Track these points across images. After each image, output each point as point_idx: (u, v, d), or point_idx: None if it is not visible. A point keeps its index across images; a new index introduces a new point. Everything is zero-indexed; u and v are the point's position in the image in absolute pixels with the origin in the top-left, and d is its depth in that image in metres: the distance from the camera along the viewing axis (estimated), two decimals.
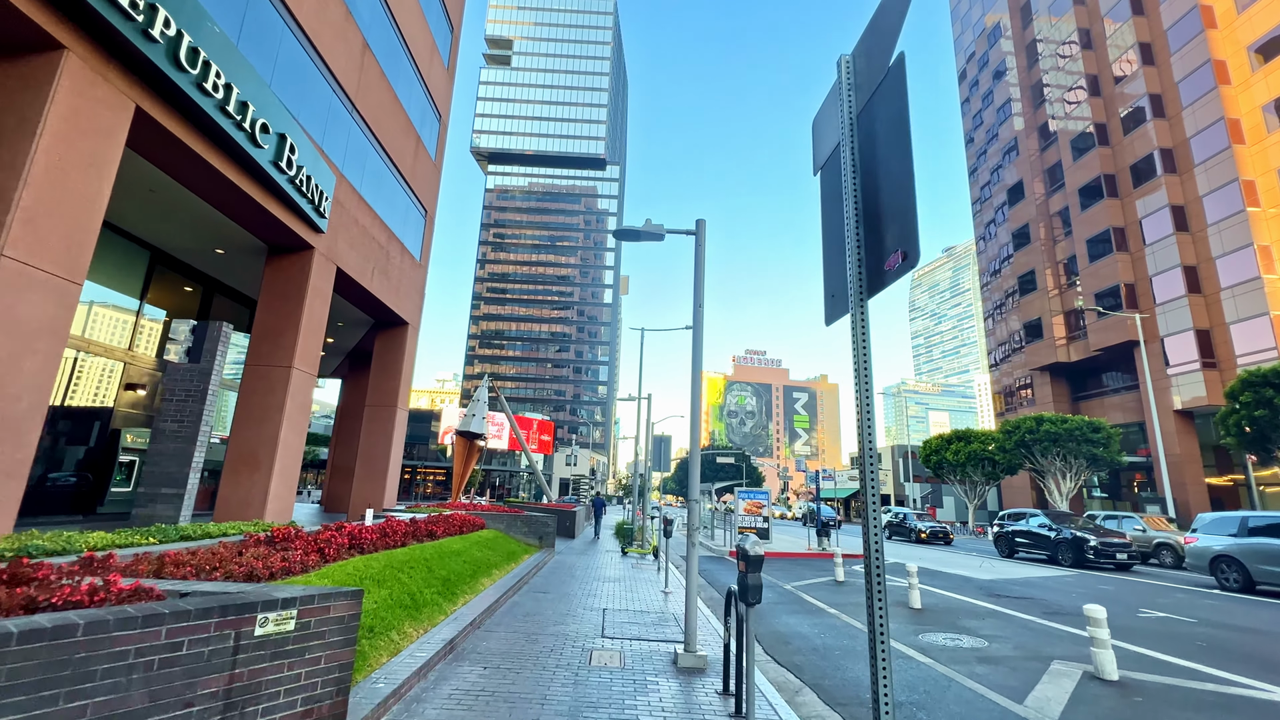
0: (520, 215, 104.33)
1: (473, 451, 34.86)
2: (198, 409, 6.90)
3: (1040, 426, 32.39)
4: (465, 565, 8.63)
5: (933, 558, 18.77)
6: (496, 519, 14.41)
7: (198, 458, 6.87)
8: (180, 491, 6.63)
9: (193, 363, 7.06)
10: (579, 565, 13.05)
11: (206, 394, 6.98)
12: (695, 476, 6.00)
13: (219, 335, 7.23)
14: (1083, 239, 39.64)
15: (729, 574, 13.84)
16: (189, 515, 6.83)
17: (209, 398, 6.94)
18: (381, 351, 19.29)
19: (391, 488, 18.53)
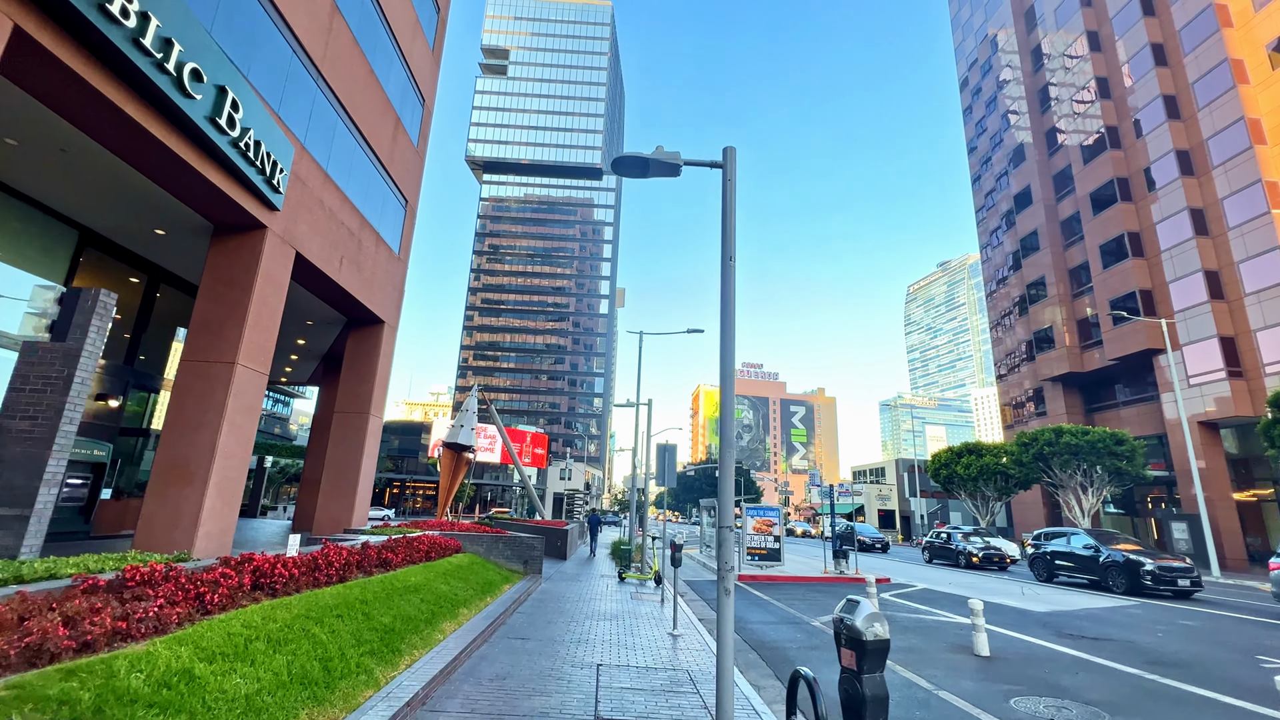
0: (515, 226, 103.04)
1: (461, 464, 32.90)
2: (58, 402, 5.14)
3: (1060, 438, 30.73)
4: (421, 606, 6.80)
5: (966, 583, 16.95)
6: (476, 541, 12.56)
7: (55, 466, 5.10)
8: (24, 512, 4.85)
9: (56, 341, 5.32)
10: (569, 596, 11.18)
11: (72, 382, 5.22)
12: (728, 495, 4.25)
13: (94, 306, 5.49)
14: (1095, 245, 38.34)
15: (742, 605, 12.00)
16: (37, 545, 5.07)
17: (75, 387, 5.19)
18: (354, 352, 17.49)
19: (363, 504, 16.64)
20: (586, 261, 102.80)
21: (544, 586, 12.12)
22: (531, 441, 78.40)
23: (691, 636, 8.14)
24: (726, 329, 4.41)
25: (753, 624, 10.05)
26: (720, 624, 4.15)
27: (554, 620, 8.66)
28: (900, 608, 11.85)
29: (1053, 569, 16.71)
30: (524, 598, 10.11)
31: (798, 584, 16.07)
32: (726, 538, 4.19)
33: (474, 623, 7.28)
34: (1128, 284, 35.41)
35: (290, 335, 20.17)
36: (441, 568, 9.10)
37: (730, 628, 4.11)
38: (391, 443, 76.25)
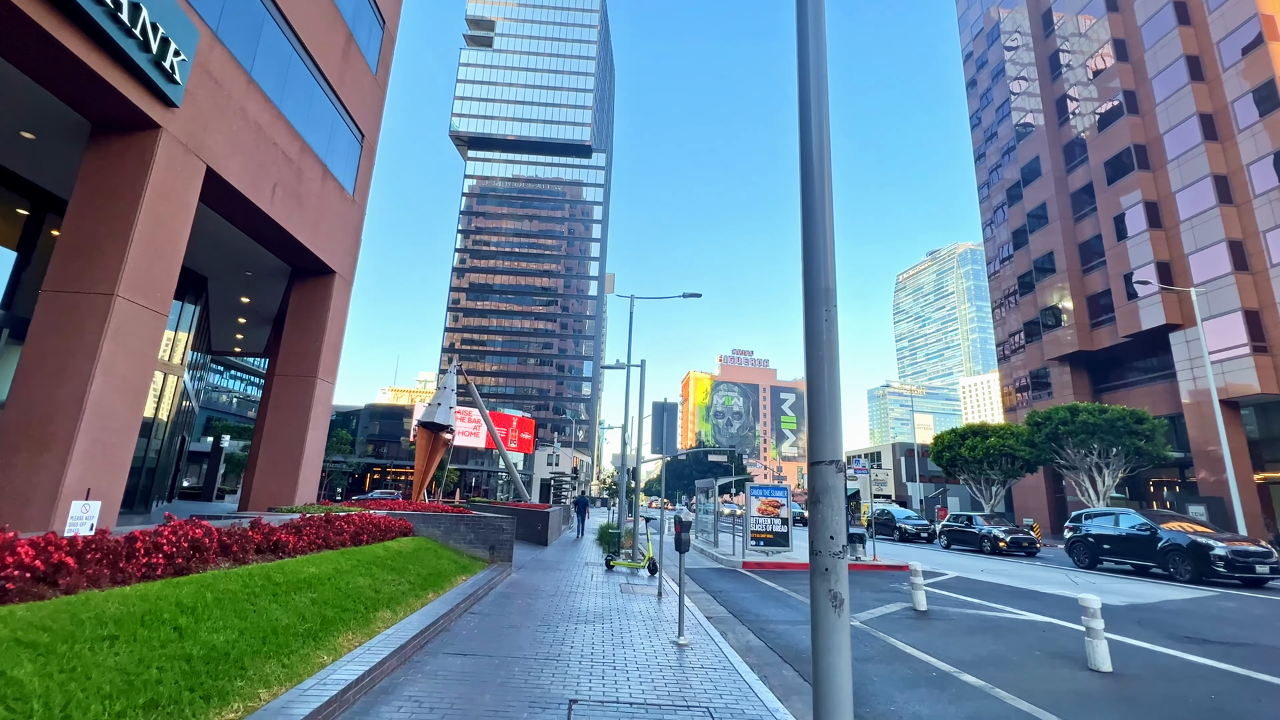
0: (502, 207, 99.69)
1: (438, 445, 30.50)
2: None
3: (1076, 417, 28.97)
4: (307, 610, 4.55)
5: (1001, 570, 15.00)
6: (432, 522, 10.31)
7: None
8: None
9: None
10: (544, 589, 8.98)
11: None
12: (828, 413, 2.00)
13: None
14: (1109, 216, 36.49)
15: (755, 598, 9.88)
16: None
17: None
18: (300, 306, 15.05)
19: (309, 480, 14.32)
20: (576, 243, 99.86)
21: (513, 577, 9.90)
22: (518, 426, 76.03)
23: (703, 647, 5.97)
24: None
25: (776, 624, 7.93)
26: (824, 681, 1.91)
27: (517, 625, 6.45)
28: (949, 601, 9.79)
29: (1096, 554, 14.79)
30: (483, 592, 7.89)
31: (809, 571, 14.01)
32: (830, 494, 1.96)
33: (395, 631, 5.05)
34: (1144, 256, 33.61)
35: (230, 291, 17.66)
36: (369, 555, 6.84)
37: (841, 684, 1.89)
38: (373, 428, 73.62)
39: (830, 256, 2.13)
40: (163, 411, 15.42)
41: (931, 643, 6.87)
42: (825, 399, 2.05)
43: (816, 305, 2.08)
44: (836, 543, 1.96)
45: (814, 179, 2.26)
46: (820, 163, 2.27)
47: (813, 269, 2.13)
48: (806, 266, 2.17)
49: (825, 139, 2.37)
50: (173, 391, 15.70)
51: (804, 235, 2.22)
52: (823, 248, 2.14)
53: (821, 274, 2.11)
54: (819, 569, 1.97)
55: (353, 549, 6.90)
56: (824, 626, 1.92)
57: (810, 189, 2.25)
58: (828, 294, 2.09)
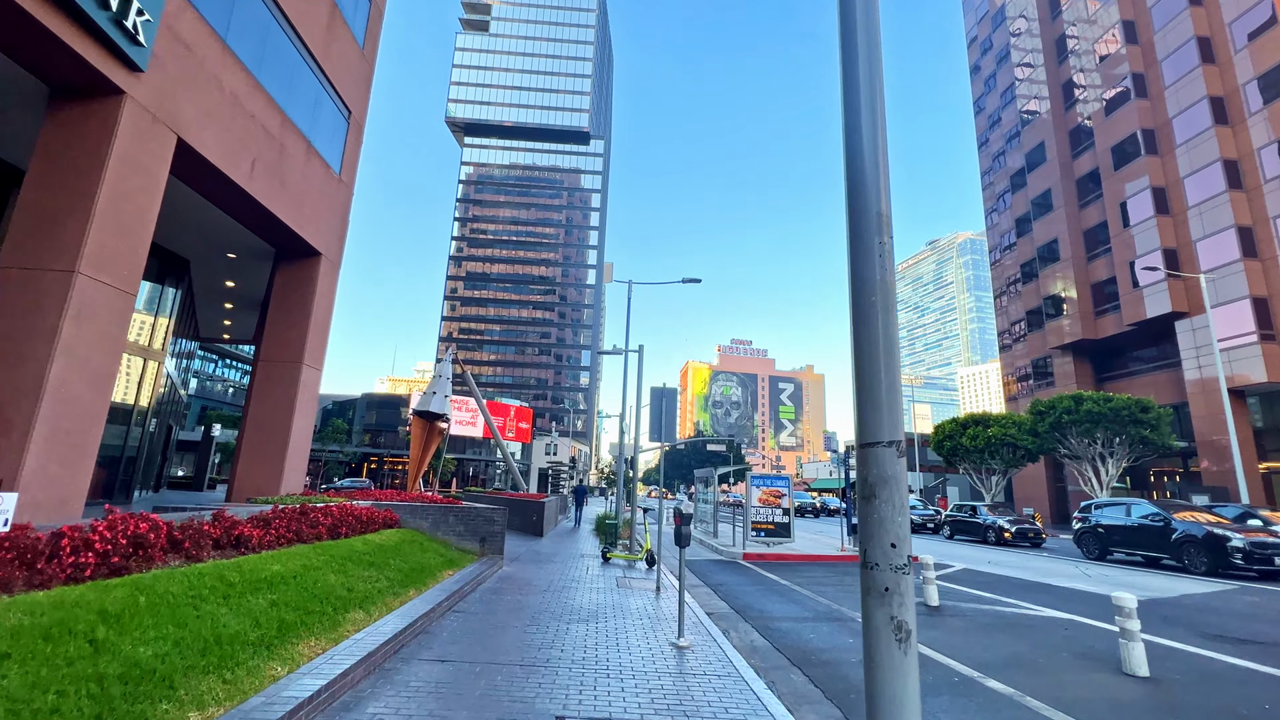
0: (499, 196, 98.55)
1: (433, 434, 30.10)
2: None
3: (1080, 406, 28.53)
4: (264, 614, 4.07)
5: (1009, 562, 14.61)
6: (420, 513, 9.83)
7: None
8: None
9: None
10: (536, 584, 8.53)
11: None
12: (882, 384, 1.48)
13: None
14: (1115, 203, 35.88)
15: (757, 592, 9.45)
16: None
17: None
18: (284, 289, 14.49)
19: (295, 469, 13.84)
20: (574, 232, 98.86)
21: (504, 571, 9.45)
22: (516, 416, 75.62)
23: (705, 649, 5.51)
24: None
25: (780, 620, 7.48)
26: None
27: (505, 625, 5.98)
28: (960, 595, 9.37)
29: (1106, 545, 14.38)
30: (470, 588, 7.42)
31: (814, 564, 13.61)
32: (889, 486, 1.45)
33: (366, 636, 4.57)
34: (1151, 243, 33.05)
35: (214, 275, 17.08)
36: (346, 549, 6.36)
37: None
38: (369, 417, 73.19)
39: (883, 166, 1.61)
40: (143, 398, 14.91)
41: (949, 642, 6.43)
42: (880, 360, 1.55)
43: (866, 235, 1.56)
44: (899, 553, 1.46)
45: (857, 46, 1.70)
46: (867, 17, 1.73)
47: (859, 185, 1.60)
48: (851, 183, 1.64)
49: None
50: (154, 378, 15.18)
51: (846, 140, 1.69)
52: (872, 152, 1.62)
53: (870, 192, 1.59)
54: (875, 588, 1.46)
55: (328, 543, 6.42)
56: (885, 667, 1.42)
57: (852, 62, 1.69)
58: (880, 220, 1.57)
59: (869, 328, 1.58)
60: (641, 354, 13.12)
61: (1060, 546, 19.91)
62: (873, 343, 1.57)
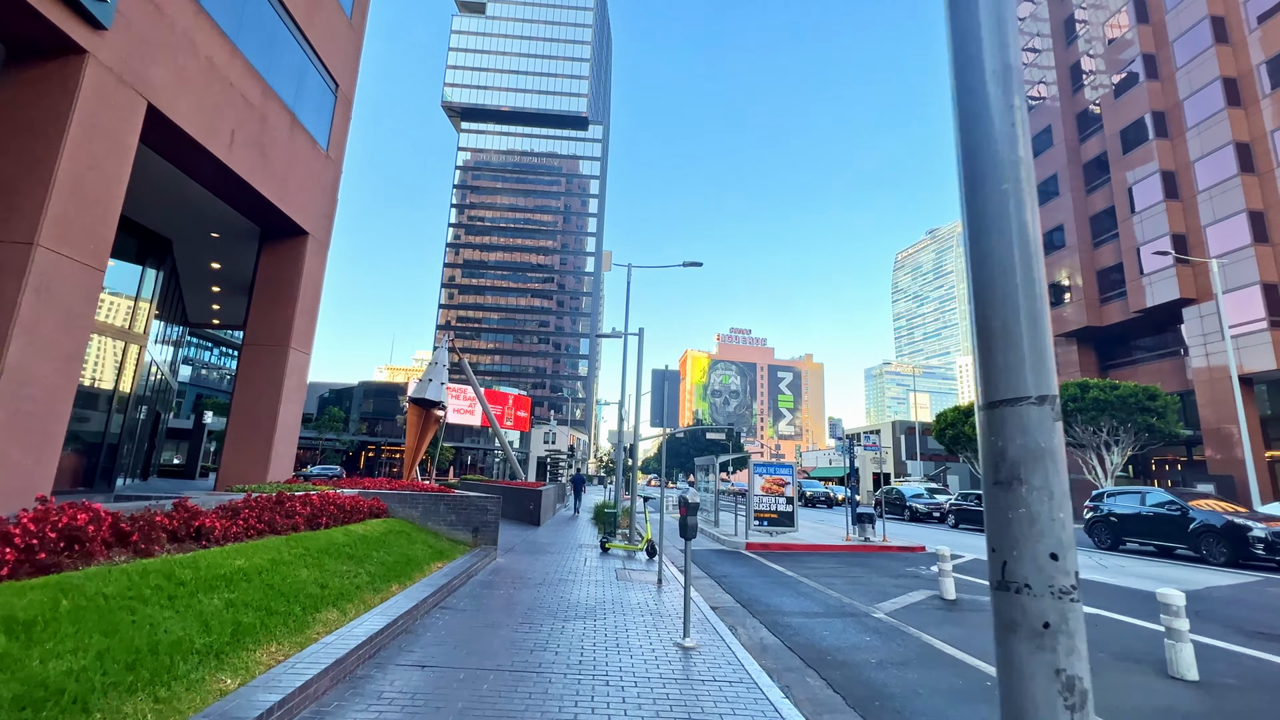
0: (496, 182, 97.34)
1: (430, 422, 29.69)
2: None
3: (1086, 394, 28.13)
4: (216, 616, 3.60)
5: None
6: (409, 502, 9.37)
7: None
8: None
9: None
10: (531, 576, 8.08)
11: None
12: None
13: None
14: (1123, 188, 35.23)
15: (763, 584, 9.02)
16: None
17: None
18: (270, 270, 13.92)
19: (283, 456, 13.36)
20: (572, 219, 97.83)
21: (498, 563, 9.00)
22: (514, 404, 75.22)
23: (712, 650, 5.06)
24: None
25: (790, 616, 7.05)
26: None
27: (495, 623, 5.52)
28: (977, 588, 8.92)
29: (1119, 534, 13.97)
30: (460, 582, 6.97)
31: (819, 554, 13.21)
32: (1044, 463, 0.95)
33: (338, 638, 4.10)
34: (1159, 228, 32.47)
35: (198, 256, 16.49)
36: (324, 541, 5.88)
37: None
38: (366, 406, 72.74)
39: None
40: (124, 383, 14.40)
41: (973, 640, 5.99)
42: (1015, 276, 1.05)
43: (986, 95, 1.05)
44: (1064, 569, 0.94)
45: None
46: None
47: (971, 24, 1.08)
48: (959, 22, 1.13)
49: None
50: (135, 361, 14.65)
51: None
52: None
53: (991, 35, 1.08)
54: (1025, 623, 0.93)
55: (305, 535, 5.94)
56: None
57: None
58: (1008, 75, 1.07)
59: (998, 228, 1.06)
60: (642, 337, 12.61)
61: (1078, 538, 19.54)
62: (1004, 251, 1.06)
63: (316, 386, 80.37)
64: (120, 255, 14.29)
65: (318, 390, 77.72)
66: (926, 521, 25.71)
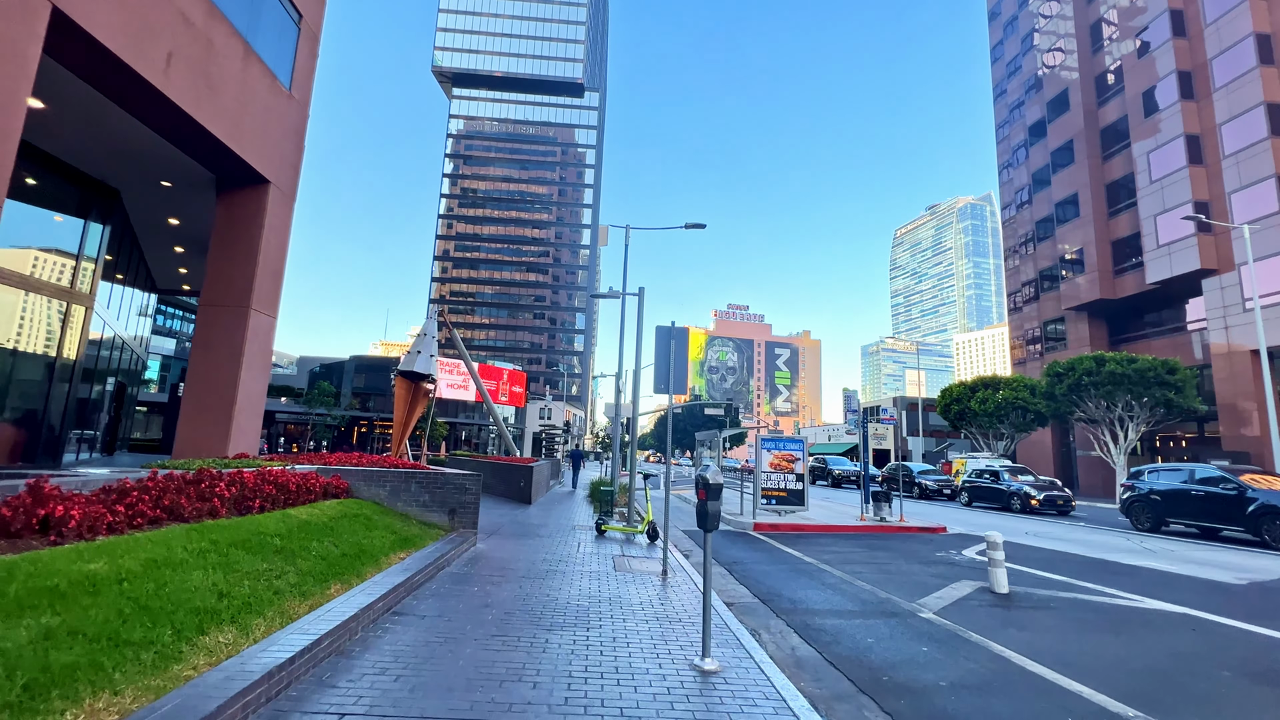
0: (489, 153, 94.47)
1: (419, 396, 28.42)
2: None
3: (1102, 367, 27.05)
4: (19, 655, 2.32)
5: (1048, 534, 13.20)
6: (378, 480, 8.15)
7: None
8: None
9: None
10: (514, 566, 6.92)
11: None
12: None
13: None
14: (1144, 152, 33.67)
15: (780, 573, 7.89)
16: None
17: None
18: (226, 223, 12.48)
19: (246, 430, 12.10)
20: (567, 190, 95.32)
21: (477, 549, 7.83)
22: (509, 379, 74.00)
23: (740, 673, 3.88)
24: None
25: (821, 614, 5.91)
26: None
27: (459, 636, 4.33)
28: (1029, 579, 7.81)
29: (1161, 515, 12.92)
30: (424, 578, 5.78)
31: (834, 535, 12.13)
32: None
33: (223, 673, 2.88)
34: (1181, 195, 31.05)
35: (152, 210, 14.98)
36: (249, 530, 4.66)
37: None
38: (358, 381, 71.41)
39: None
40: (68, 349, 13.03)
41: (1050, 649, 4.85)
42: None
43: None
44: None
45: None
46: None
47: None
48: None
49: None
50: (80, 325, 13.27)
51: None
52: None
53: None
54: None
55: (223, 523, 4.72)
56: None
57: None
58: None
59: None
60: (642, 298, 11.31)
61: (1090, 514, 18.61)
62: None
63: (307, 361, 78.88)
64: (57, 207, 12.79)
65: (308, 364, 76.24)
66: (935, 499, 24.79)
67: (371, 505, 7.53)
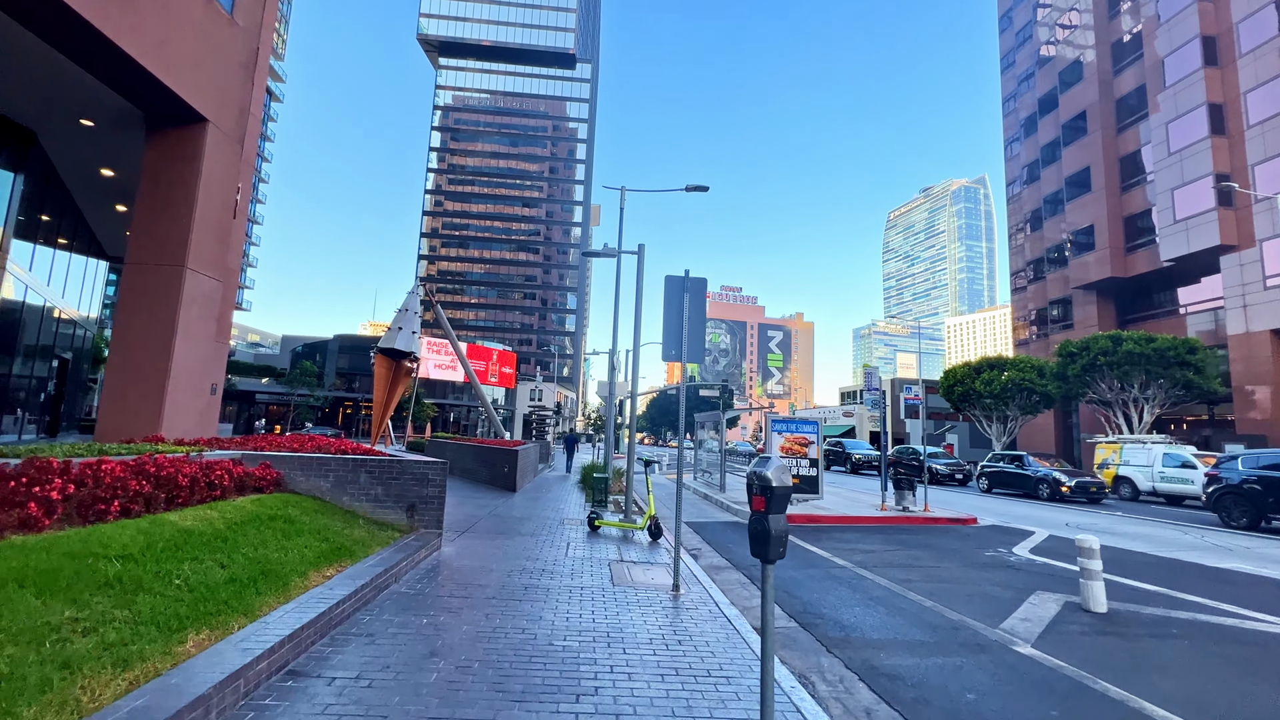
0: (477, 128, 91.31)
1: (400, 375, 26.71)
2: None
3: (1119, 346, 25.82)
4: None
5: (1093, 526, 11.91)
6: (319, 469, 6.59)
7: None
8: None
9: None
10: (482, 580, 5.42)
11: None
12: None
13: None
14: (1163, 123, 32.14)
15: (812, 579, 6.46)
16: None
17: None
18: (157, 168, 10.69)
19: (185, 408, 10.48)
20: (558, 167, 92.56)
21: (441, 555, 6.32)
22: (498, 360, 72.21)
23: None
24: None
25: (884, 647, 4.45)
26: None
27: (384, 712, 2.83)
28: (1126, 592, 6.42)
29: (1260, 508, 11.37)
30: (358, 604, 4.26)
31: (857, 528, 10.76)
32: None
33: None
34: (1201, 167, 29.61)
35: (80, 157, 13.10)
36: (82, 547, 3.11)
37: None
38: (342, 361, 69.36)
39: None
40: None
41: (1231, 711, 3.43)
42: None
43: None
44: None
45: None
46: None
47: None
48: None
49: None
50: None
51: None
52: None
53: None
54: None
55: (29, 541, 3.15)
56: None
57: None
58: None
59: None
60: (642, 256, 9.71)
61: (1122, 503, 17.38)
62: None
63: (291, 340, 76.54)
64: None
65: (291, 344, 73.99)
66: (947, 484, 23.59)
67: (307, 502, 5.99)
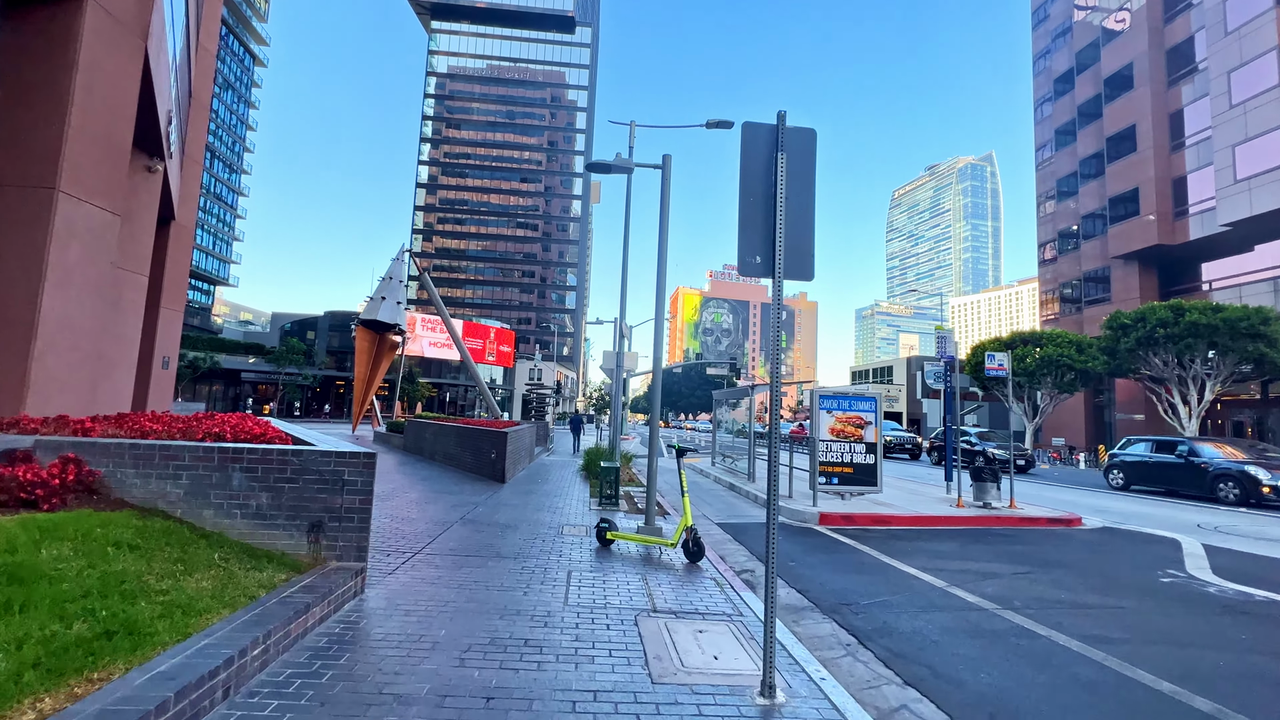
0: (472, 100, 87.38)
1: (384, 348, 24.11)
2: None
3: (1181, 317, 23.25)
4: None
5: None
6: (164, 464, 4.10)
7: None
8: None
9: None
10: (423, 664, 3.00)
11: None
12: None
13: None
14: (1224, 71, 29.12)
15: (920, 621, 4.06)
16: None
17: None
18: (18, 60, 7.99)
19: (64, 379, 7.95)
20: (557, 138, 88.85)
21: (359, 607, 3.86)
22: (496, 338, 69.69)
23: None
24: None
25: None
26: None
27: None
28: None
29: None
30: None
31: (936, 532, 8.34)
32: None
33: None
34: (1270, 119, 26.70)
35: None
36: None
37: None
38: (333, 340, 66.75)
39: None
40: None
41: None
42: None
43: None
44: None
45: None
46: None
47: None
48: None
49: None
50: None
51: None
52: None
53: None
54: None
55: None
56: None
57: None
58: None
59: None
60: (667, 171, 7.17)
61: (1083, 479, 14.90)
62: None
63: (281, 317, 73.86)
64: None
65: (280, 321, 71.32)
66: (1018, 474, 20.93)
67: (132, 520, 3.51)
